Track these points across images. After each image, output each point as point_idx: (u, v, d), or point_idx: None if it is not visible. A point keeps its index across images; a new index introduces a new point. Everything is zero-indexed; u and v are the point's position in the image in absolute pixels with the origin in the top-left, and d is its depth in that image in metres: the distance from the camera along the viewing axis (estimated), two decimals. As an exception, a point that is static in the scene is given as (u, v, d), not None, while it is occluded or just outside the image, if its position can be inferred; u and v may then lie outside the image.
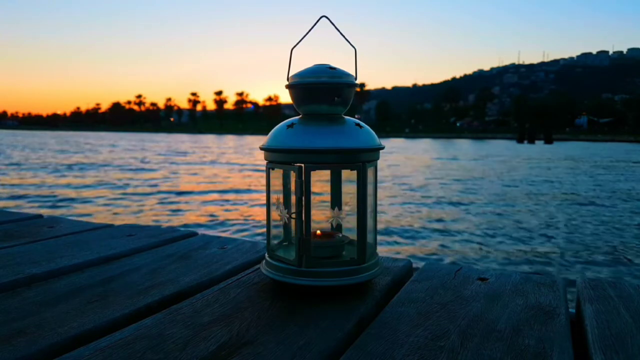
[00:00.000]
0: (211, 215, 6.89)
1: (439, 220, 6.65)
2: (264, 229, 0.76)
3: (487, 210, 7.60)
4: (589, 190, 10.44)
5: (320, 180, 0.73)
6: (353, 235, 0.71)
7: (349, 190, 0.73)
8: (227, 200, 8.33)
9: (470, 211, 7.44)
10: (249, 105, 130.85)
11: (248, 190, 9.88)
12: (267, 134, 0.72)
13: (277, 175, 0.73)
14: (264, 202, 0.73)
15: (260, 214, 6.96)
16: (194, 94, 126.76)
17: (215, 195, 8.94)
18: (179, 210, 7.41)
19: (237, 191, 9.61)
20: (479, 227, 6.24)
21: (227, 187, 10.15)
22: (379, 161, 0.71)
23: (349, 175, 0.71)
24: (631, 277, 4.26)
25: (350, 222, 0.73)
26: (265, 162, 0.71)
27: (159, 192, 9.34)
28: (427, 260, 4.45)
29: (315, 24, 0.69)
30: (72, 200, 8.18)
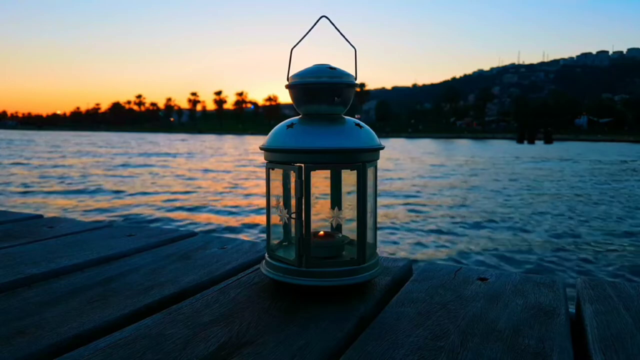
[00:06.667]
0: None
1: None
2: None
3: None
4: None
5: (320, 181, 0.73)
6: (353, 235, 0.71)
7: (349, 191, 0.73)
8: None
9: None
10: (249, 105, 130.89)
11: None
12: (267, 133, 0.72)
13: (277, 175, 0.73)
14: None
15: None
16: (194, 94, 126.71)
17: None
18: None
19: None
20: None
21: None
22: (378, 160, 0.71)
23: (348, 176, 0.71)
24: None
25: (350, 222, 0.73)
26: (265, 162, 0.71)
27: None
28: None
29: (315, 24, 0.69)
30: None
